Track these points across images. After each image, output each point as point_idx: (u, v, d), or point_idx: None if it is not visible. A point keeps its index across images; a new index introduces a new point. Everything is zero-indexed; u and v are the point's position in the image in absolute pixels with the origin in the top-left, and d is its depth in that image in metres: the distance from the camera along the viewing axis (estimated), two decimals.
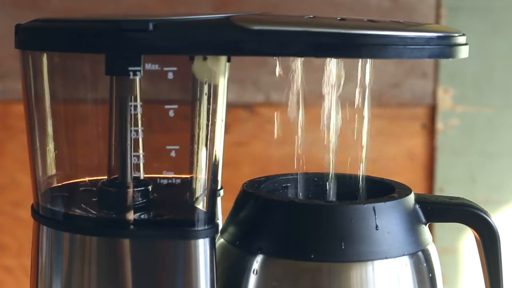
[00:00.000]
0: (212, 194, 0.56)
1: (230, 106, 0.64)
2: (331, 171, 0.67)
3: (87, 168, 0.61)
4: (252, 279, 0.57)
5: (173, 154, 0.57)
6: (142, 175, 0.59)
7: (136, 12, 1.11)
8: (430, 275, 0.59)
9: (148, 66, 0.55)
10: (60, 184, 0.60)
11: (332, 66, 0.60)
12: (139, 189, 0.57)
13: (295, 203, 0.58)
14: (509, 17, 1.12)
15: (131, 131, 0.56)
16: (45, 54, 0.57)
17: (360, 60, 0.60)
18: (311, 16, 0.55)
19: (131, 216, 0.56)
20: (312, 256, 0.56)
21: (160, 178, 0.59)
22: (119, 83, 0.56)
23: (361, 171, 0.65)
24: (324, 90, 0.65)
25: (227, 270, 0.59)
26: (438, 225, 1.09)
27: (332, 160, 0.68)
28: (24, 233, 1.13)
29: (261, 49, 0.51)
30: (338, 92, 0.64)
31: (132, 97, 0.56)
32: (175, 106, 0.57)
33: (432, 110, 1.13)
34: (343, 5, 1.10)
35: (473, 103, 1.13)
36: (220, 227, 0.61)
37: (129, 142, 0.56)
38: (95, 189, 0.59)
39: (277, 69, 0.59)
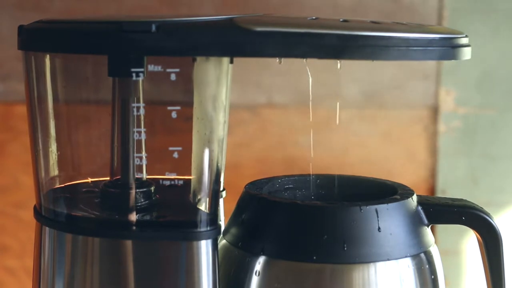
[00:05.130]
0: (214, 196, 0.56)
1: (232, 107, 0.64)
2: (334, 172, 0.67)
3: (90, 169, 0.61)
4: (254, 281, 0.57)
5: (175, 155, 0.57)
6: (144, 176, 0.59)
7: (139, 13, 1.11)
8: (433, 276, 0.59)
9: (150, 67, 0.55)
10: (62, 185, 0.60)
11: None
12: (141, 190, 0.57)
13: (298, 205, 0.58)
14: None
15: (133, 132, 0.56)
16: (48, 55, 0.57)
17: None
18: (314, 17, 0.55)
19: (133, 217, 0.56)
20: (314, 257, 0.56)
21: (163, 179, 0.59)
22: (122, 85, 0.56)
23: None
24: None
25: (229, 271, 0.59)
26: (440, 227, 1.09)
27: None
28: (26, 234, 1.13)
29: (264, 51, 0.51)
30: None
31: (135, 98, 0.56)
32: (178, 108, 0.57)
33: (434, 112, 1.13)
34: (345, 7, 1.10)
35: (475, 105, 1.13)
36: (223, 228, 0.61)
37: (131, 143, 0.56)
38: (97, 190, 0.59)
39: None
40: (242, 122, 1.11)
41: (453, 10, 1.11)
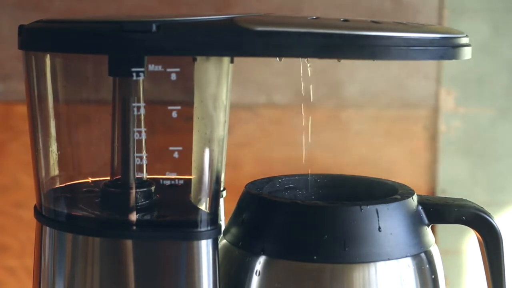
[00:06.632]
0: (214, 195, 0.56)
1: (232, 107, 0.64)
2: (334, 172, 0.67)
3: (90, 169, 0.61)
4: (255, 280, 0.57)
5: (176, 155, 0.57)
6: (145, 176, 0.59)
7: (139, 13, 1.11)
8: (433, 276, 0.59)
9: (151, 67, 0.55)
10: (63, 185, 0.60)
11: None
12: (142, 190, 0.57)
13: (298, 204, 0.58)
14: None
15: (134, 132, 0.56)
16: (48, 55, 0.57)
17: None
18: (314, 17, 0.55)
19: (133, 217, 0.56)
20: (314, 257, 0.56)
21: (163, 179, 0.59)
22: (122, 84, 0.56)
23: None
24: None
25: (229, 271, 0.59)
26: (440, 227, 1.09)
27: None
28: (26, 233, 1.13)
29: (264, 50, 0.51)
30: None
31: (135, 98, 0.56)
32: (178, 107, 0.57)
33: (435, 112, 1.13)
34: (345, 6, 1.10)
35: (476, 105, 1.13)
36: (223, 228, 0.61)
37: (132, 143, 0.56)
38: (98, 190, 0.59)
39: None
40: (242, 122, 1.11)
41: (453, 10, 1.11)
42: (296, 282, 0.57)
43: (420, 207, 0.60)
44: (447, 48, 0.53)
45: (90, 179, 0.61)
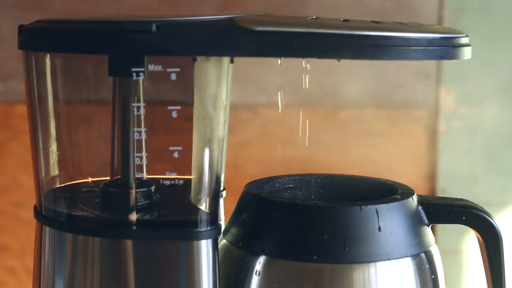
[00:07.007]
0: (214, 195, 0.56)
1: (232, 107, 0.64)
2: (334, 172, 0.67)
3: (90, 169, 0.61)
4: (255, 280, 0.57)
5: (175, 155, 0.57)
6: (144, 176, 0.59)
7: (139, 13, 1.11)
8: (433, 276, 0.59)
9: (151, 67, 0.55)
10: (63, 185, 0.60)
11: None
12: (141, 190, 0.57)
13: (298, 204, 0.58)
14: None
15: (134, 132, 0.56)
16: (48, 55, 0.57)
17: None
18: (314, 17, 0.55)
19: (133, 217, 0.56)
20: (314, 257, 0.56)
21: (163, 179, 0.59)
22: (122, 84, 0.56)
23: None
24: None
25: (229, 271, 0.59)
26: (440, 227, 1.09)
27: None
28: (26, 233, 1.13)
29: (264, 50, 0.51)
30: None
31: (135, 98, 0.56)
32: (178, 107, 0.57)
33: (435, 112, 1.13)
34: (345, 6, 1.10)
35: (476, 105, 1.13)
36: (223, 228, 0.61)
37: (132, 143, 0.56)
38: (98, 190, 0.59)
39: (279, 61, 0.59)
40: (242, 122, 1.11)
41: (453, 10, 1.11)
42: (296, 282, 0.57)
43: (420, 207, 0.60)
44: (447, 48, 0.53)
45: (90, 179, 0.61)
